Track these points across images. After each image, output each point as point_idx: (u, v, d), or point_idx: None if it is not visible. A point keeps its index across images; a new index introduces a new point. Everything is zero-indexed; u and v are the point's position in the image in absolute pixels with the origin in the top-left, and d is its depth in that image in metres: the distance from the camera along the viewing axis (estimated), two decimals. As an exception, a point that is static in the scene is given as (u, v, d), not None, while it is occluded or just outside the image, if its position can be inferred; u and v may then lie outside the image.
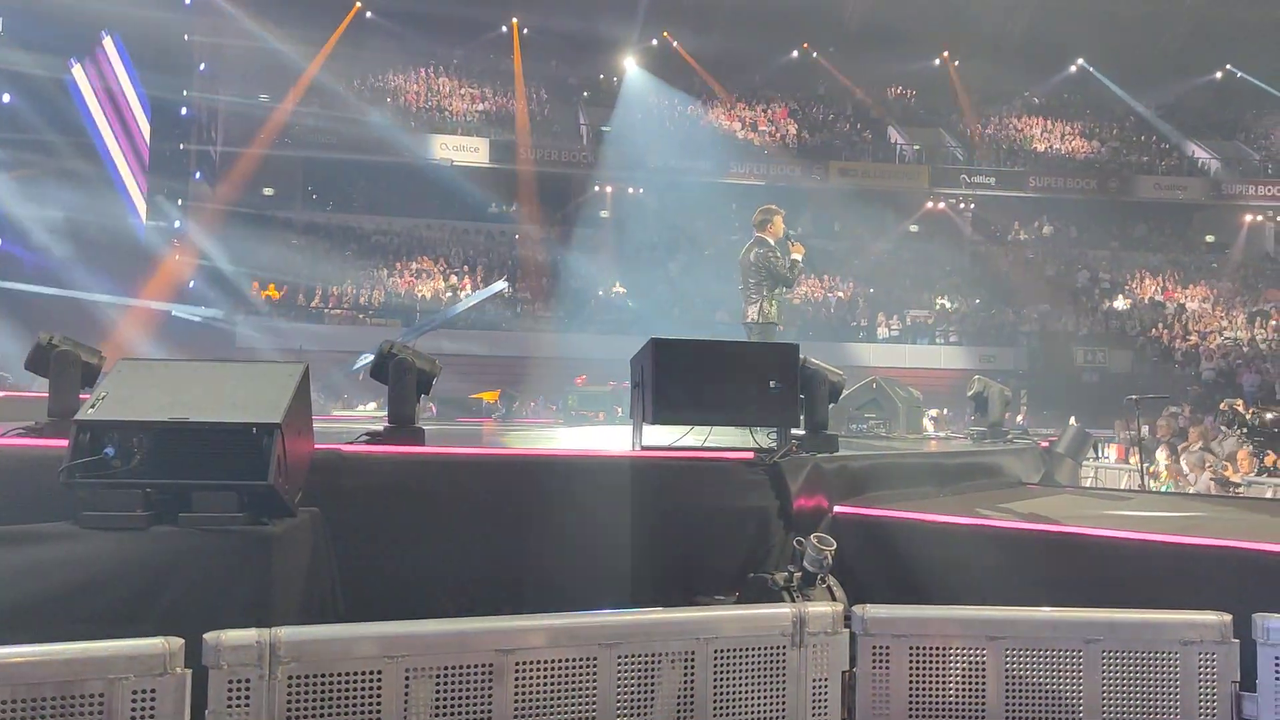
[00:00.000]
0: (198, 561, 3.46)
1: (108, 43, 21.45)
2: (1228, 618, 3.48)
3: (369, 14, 30.91)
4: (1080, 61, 34.35)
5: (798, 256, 7.67)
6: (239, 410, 3.64)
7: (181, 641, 2.80)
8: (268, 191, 28.94)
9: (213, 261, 24.01)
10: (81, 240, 20.22)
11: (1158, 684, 3.44)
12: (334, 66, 28.83)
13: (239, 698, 2.83)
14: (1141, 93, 34.49)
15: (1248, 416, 9.05)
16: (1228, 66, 34.31)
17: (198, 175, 26.61)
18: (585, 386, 16.20)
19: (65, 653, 2.70)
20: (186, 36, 25.14)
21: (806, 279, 27.79)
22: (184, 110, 24.86)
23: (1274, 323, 28.47)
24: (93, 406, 3.64)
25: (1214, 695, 3.44)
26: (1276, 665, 3.36)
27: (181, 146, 25.46)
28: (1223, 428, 10.20)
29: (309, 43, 28.13)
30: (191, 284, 23.87)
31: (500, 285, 21.06)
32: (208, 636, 2.85)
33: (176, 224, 24.70)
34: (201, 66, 26.58)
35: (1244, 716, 3.44)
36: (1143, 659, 3.45)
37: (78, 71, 21.08)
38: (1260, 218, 32.98)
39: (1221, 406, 10.12)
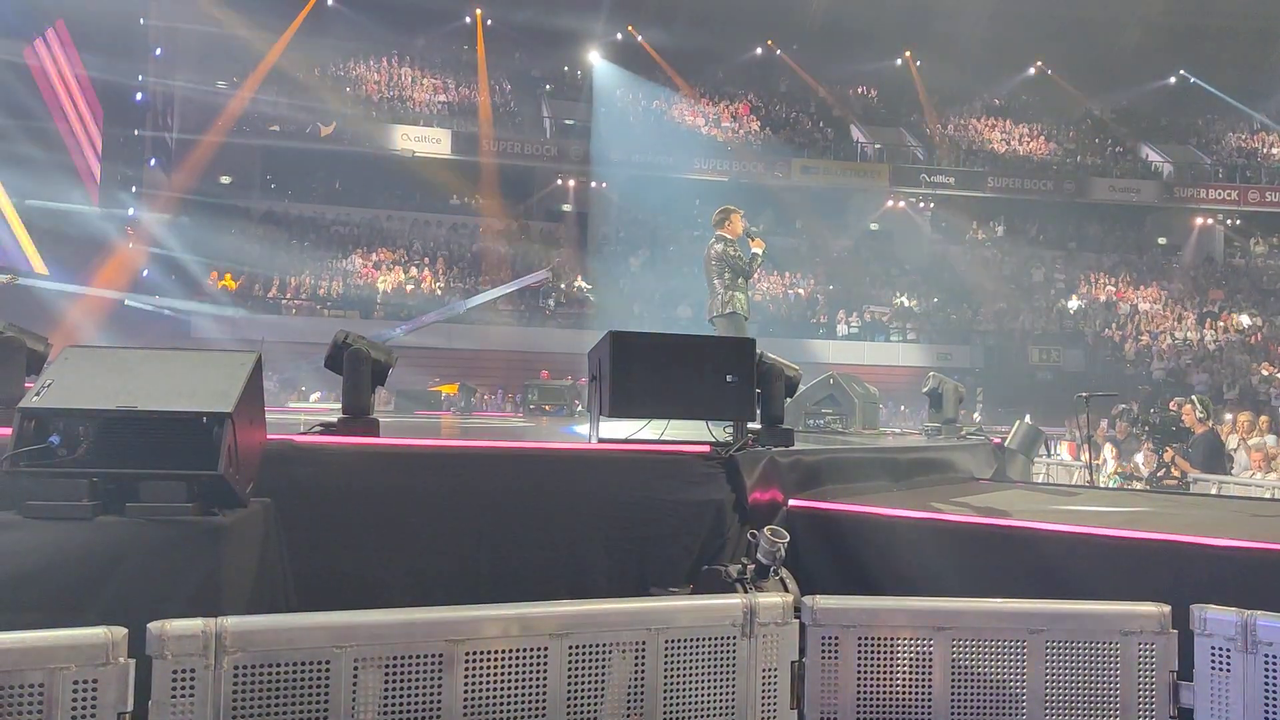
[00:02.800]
0: (144, 552, 3.40)
1: (60, 25, 20.96)
2: (1167, 609, 3.56)
3: (330, 1, 30.53)
4: (1038, 64, 34.84)
5: (758, 250, 7.82)
6: (189, 399, 3.58)
7: (124, 631, 2.76)
8: (225, 180, 28.49)
9: (168, 250, 23.60)
10: (32, 226, 19.77)
11: (1099, 673, 3.51)
12: (294, 54, 28.42)
13: (183, 688, 2.79)
14: (1097, 96, 35.08)
15: (1149, 414, 9.33)
16: (1181, 72, 34.99)
17: (153, 162, 26.07)
18: (548, 381, 16.15)
19: (3, 643, 2.64)
20: (142, 20, 24.62)
21: (768, 275, 27.93)
22: (138, 96, 24.33)
23: (1221, 324, 29.13)
24: (37, 394, 3.56)
25: (1152, 684, 3.51)
26: (1213, 655, 3.43)
27: (136, 133, 24.92)
28: (1130, 428, 10.51)
29: (268, 29, 27.72)
30: (146, 273, 23.43)
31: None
32: (151, 626, 2.81)
33: (130, 211, 24.19)
34: (157, 51, 26.04)
35: (1181, 705, 3.52)
36: (1084, 649, 3.51)
37: (29, 54, 20.57)
38: (1211, 221, 33.70)
39: (1170, 406, 10.35)
